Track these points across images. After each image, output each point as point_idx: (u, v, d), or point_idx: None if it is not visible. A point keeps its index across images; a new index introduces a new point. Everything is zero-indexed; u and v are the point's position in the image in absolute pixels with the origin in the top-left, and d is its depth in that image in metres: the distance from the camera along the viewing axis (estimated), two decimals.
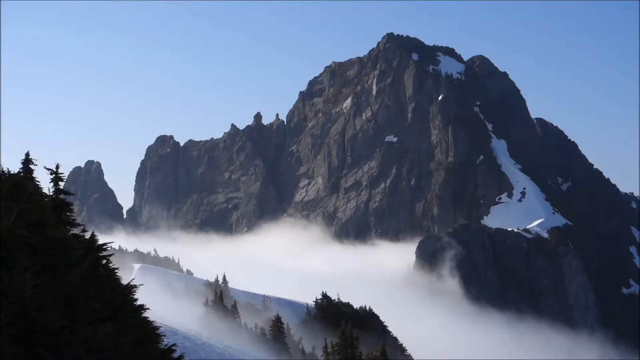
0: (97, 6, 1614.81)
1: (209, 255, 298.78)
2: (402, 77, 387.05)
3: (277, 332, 75.17)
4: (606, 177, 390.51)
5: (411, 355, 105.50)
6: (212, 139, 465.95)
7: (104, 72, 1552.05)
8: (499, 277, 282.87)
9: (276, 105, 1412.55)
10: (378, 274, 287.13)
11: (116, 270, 23.09)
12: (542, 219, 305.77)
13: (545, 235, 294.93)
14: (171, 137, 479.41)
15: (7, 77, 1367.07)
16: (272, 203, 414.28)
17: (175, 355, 22.74)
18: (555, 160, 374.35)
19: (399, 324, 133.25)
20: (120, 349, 18.09)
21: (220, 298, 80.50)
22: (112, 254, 23.12)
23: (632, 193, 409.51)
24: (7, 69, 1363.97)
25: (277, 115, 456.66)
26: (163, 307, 62.49)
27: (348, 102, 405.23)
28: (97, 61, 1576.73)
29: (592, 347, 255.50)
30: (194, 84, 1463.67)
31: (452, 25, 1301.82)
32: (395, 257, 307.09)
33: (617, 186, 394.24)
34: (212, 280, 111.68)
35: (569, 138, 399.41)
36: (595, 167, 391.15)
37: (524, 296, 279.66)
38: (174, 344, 23.57)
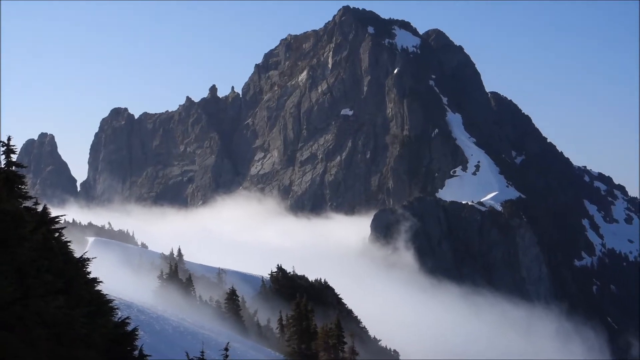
0: None
1: (164, 229, 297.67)
2: (358, 50, 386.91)
3: (232, 305, 75.15)
4: (559, 151, 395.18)
5: (366, 327, 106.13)
6: (167, 111, 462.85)
7: (58, 44, 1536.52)
8: (453, 250, 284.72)
9: (232, 78, 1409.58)
10: (333, 247, 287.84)
11: (69, 244, 22.96)
12: (496, 192, 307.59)
13: (499, 208, 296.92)
14: (125, 109, 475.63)
15: None
16: (227, 176, 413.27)
17: (129, 328, 22.67)
18: (510, 133, 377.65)
19: (355, 296, 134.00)
20: (72, 322, 18.01)
21: (175, 271, 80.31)
22: (65, 227, 22.98)
23: (585, 167, 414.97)
24: None
25: (233, 88, 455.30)
26: (117, 280, 62.28)
27: (304, 75, 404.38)
28: (51, 33, 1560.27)
29: (548, 319, 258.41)
30: (149, 56, 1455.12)
31: None
32: (351, 230, 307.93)
33: (570, 160, 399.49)
34: (167, 253, 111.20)
35: (522, 112, 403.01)
36: (548, 140, 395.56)
37: (478, 268, 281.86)
38: (128, 317, 23.50)
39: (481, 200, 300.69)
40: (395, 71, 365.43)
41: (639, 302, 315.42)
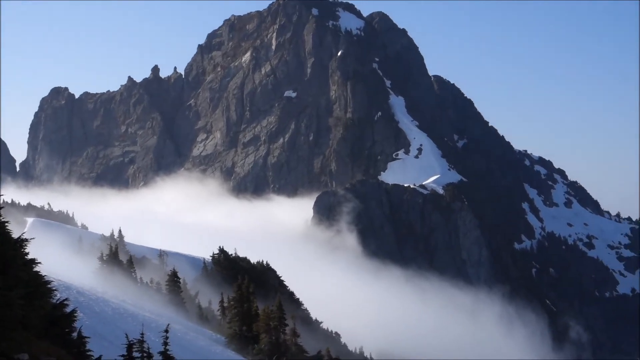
0: None
1: (104, 210, 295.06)
2: (302, 32, 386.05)
3: (173, 287, 74.73)
4: (501, 135, 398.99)
5: (308, 309, 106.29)
6: (109, 91, 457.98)
7: None
8: (395, 233, 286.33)
9: (174, 58, 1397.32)
10: (276, 229, 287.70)
11: (7, 224, 22.56)
12: (438, 175, 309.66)
13: (441, 191, 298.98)
14: (66, 89, 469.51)
15: None
16: (169, 157, 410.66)
17: (68, 309, 22.41)
18: (452, 117, 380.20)
19: (297, 278, 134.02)
20: (10, 303, 17.72)
21: (116, 253, 79.58)
22: (3, 207, 22.59)
23: (526, 150, 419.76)
24: None
25: (175, 68, 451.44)
26: (56, 261, 61.51)
27: (247, 56, 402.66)
28: None
29: (491, 302, 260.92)
30: (91, 34, 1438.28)
31: None
32: (293, 212, 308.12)
33: (511, 144, 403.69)
34: (107, 234, 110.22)
35: (465, 96, 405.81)
36: (490, 124, 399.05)
37: (420, 251, 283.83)
38: (67, 299, 23.24)
39: (423, 183, 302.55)
40: (339, 53, 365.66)
41: (577, 285, 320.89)
